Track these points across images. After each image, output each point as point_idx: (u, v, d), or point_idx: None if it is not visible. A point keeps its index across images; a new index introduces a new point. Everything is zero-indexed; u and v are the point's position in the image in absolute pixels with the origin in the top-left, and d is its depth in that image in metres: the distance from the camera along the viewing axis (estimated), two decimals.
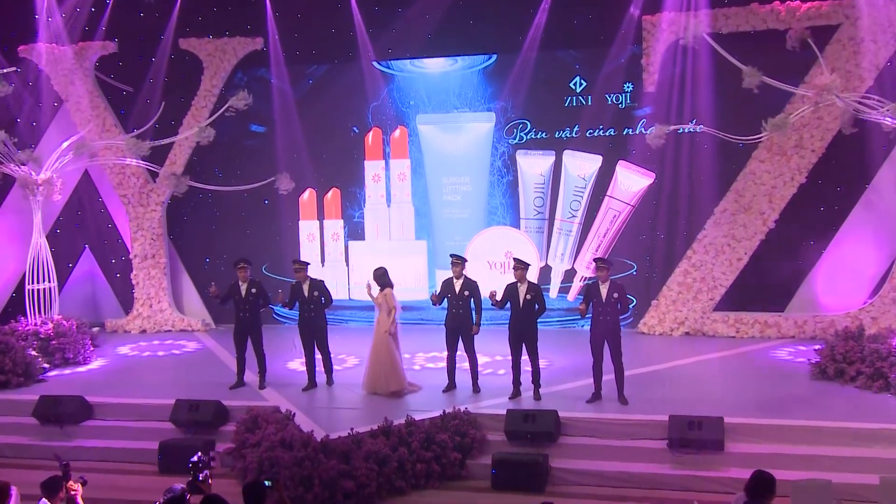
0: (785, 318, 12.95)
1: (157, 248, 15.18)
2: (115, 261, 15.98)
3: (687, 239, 13.46)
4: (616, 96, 13.84)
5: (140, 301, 15.27)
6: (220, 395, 10.27)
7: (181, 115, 14.96)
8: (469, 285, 10.30)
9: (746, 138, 11.34)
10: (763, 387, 10.12)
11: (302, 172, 14.77)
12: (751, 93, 11.62)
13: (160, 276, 15.21)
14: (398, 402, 10.08)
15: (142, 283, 15.23)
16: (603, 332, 9.58)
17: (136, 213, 15.15)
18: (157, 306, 15.23)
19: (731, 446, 8.49)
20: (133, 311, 15.33)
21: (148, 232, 15.13)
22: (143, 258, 15.19)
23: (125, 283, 15.68)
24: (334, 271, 15.09)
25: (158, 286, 15.22)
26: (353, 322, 15.03)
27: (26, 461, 9.57)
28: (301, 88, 15.05)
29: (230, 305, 11.40)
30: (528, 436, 8.84)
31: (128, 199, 15.15)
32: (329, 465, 8.17)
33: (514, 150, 14.40)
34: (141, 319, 15.22)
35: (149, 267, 15.20)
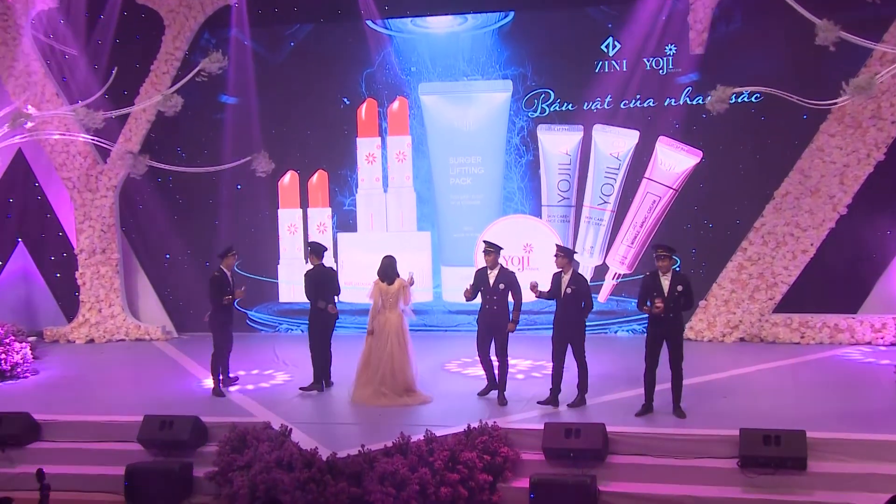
0: (859, 320, 12.93)
1: (107, 241, 15.00)
2: (56, 258, 15.81)
3: (741, 228, 13.45)
4: (656, 60, 13.83)
5: (87, 305, 15.09)
6: (197, 410, 10.10)
7: (137, 83, 14.81)
8: (505, 277, 10.35)
9: (823, 103, 11.32)
10: (847, 397, 10.08)
11: (282, 152, 14.66)
12: (822, 53, 11.58)
13: (111, 274, 15.04)
14: (413, 415, 9.99)
15: (89, 283, 15.07)
16: (664, 333, 9.48)
17: (82, 199, 14.97)
18: (108, 311, 15.05)
19: (815, 465, 8.39)
20: (78, 316, 15.15)
21: (97, 222, 14.96)
22: (90, 254, 15.01)
23: (68, 283, 15.55)
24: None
25: (109, 287, 15.05)
26: (342, 329, 14.81)
27: None
28: (281, 52, 15.01)
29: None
30: (571, 454, 8.73)
31: (72, 183, 14.98)
32: (338, 488, 8.09)
33: (535, 124, 14.36)
34: (88, 327, 15.05)
35: (97, 264, 15.03)
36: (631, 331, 14.07)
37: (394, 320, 10.51)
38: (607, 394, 10.43)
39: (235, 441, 9.19)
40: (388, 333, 10.45)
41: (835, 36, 10.60)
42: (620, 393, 10.43)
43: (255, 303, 15.44)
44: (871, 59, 12.36)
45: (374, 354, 10.48)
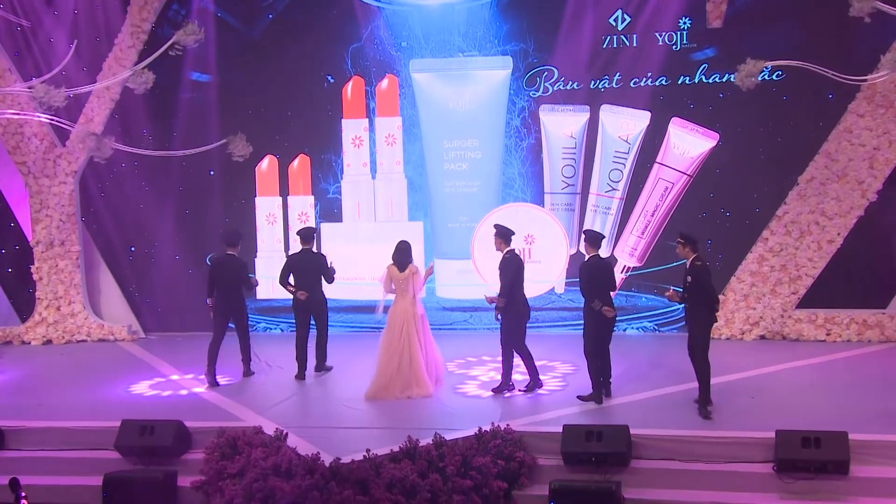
0: (890, 316, 13.11)
1: (67, 232, 14.93)
2: (6, 251, 15.70)
3: (762, 217, 13.60)
4: (669, 35, 13.95)
5: (44, 302, 15.02)
6: (178, 414, 10.07)
7: (99, 58, 14.74)
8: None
9: (858, 78, 11.50)
10: (888, 397, 10.18)
11: (260, 135, 14.54)
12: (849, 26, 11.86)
13: (71, 269, 14.98)
14: (417, 418, 10.02)
15: (46, 278, 15.00)
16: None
17: (38, 186, 14.88)
18: (68, 309, 14.98)
19: (857, 469, 8.49)
20: (34, 315, 15.06)
21: (55, 211, 14.88)
22: (47, 246, 14.93)
23: (21, 279, 15.44)
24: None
25: (69, 283, 14.98)
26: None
27: None
28: (258, 25, 15.01)
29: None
30: (593, 458, 8.78)
31: (27, 168, 14.89)
32: (343, 496, 8.08)
33: (537, 105, 14.48)
34: (45, 326, 14.98)
35: (56, 257, 14.96)
36: (641, 328, 14.17)
37: (408, 309, 10.93)
38: (628, 394, 10.54)
39: (225, 447, 9.17)
40: (403, 324, 10.88)
41: (870, 6, 10.75)
42: (642, 393, 10.57)
43: None
44: None
45: (391, 347, 10.86)
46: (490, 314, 12.23)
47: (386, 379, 10.79)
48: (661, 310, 14.21)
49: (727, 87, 13.65)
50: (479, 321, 14.65)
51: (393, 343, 10.90)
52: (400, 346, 10.85)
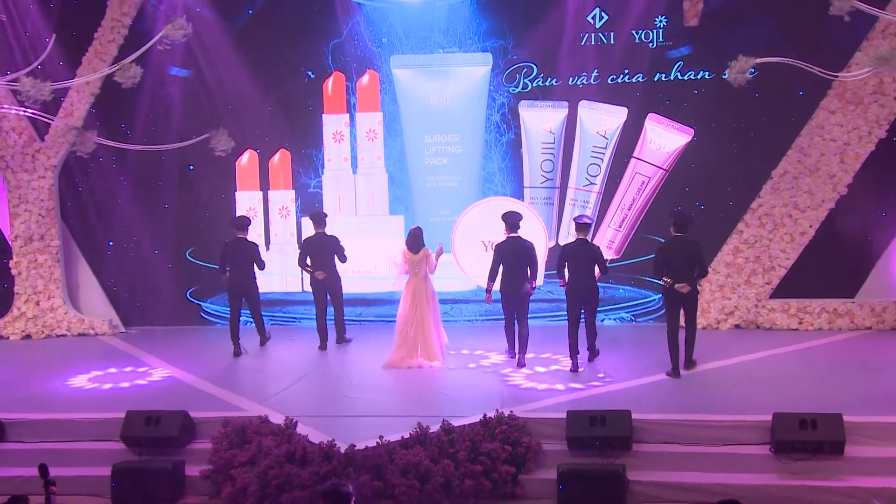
0: (859, 305, 13.44)
1: (46, 227, 14.76)
2: None
3: (736, 210, 13.86)
4: (646, 33, 14.15)
5: (23, 297, 14.83)
6: (177, 404, 10.03)
7: (76, 52, 14.56)
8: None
9: (847, 75, 11.81)
10: (873, 381, 10.47)
11: (240, 130, 14.58)
12: (821, 25, 12.35)
13: (51, 263, 14.80)
14: (420, 404, 10.16)
15: (25, 273, 14.81)
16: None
17: (17, 180, 14.68)
18: (47, 304, 14.81)
19: (852, 449, 8.73)
20: (13, 310, 14.85)
21: (34, 206, 14.69)
22: (26, 241, 14.74)
23: None
24: (282, 256, 14.87)
25: (49, 277, 14.81)
26: (307, 321, 14.85)
27: None
28: (238, 20, 14.90)
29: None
30: (597, 443, 8.93)
31: (6, 163, 14.68)
32: (360, 481, 8.13)
33: (517, 100, 14.54)
34: (24, 321, 14.80)
35: (35, 252, 14.78)
36: (618, 319, 14.38)
37: (423, 288, 11.92)
38: (626, 381, 10.80)
39: (233, 436, 9.18)
40: (420, 300, 11.87)
41: (849, 6, 11.03)
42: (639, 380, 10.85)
43: (211, 294, 15.33)
44: (873, 31, 12.91)
45: (408, 321, 11.88)
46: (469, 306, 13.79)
47: (403, 350, 11.83)
48: (638, 300, 14.43)
49: (702, 83, 14.00)
50: (460, 313, 14.77)
51: (408, 318, 11.89)
52: (414, 320, 11.86)
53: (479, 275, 14.14)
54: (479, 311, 14.64)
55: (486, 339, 13.20)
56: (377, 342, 13.13)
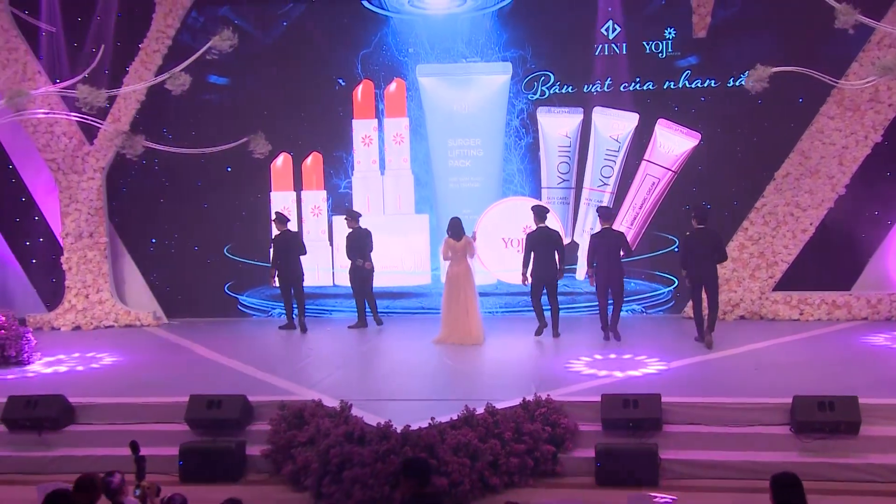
0: (856, 297, 13.57)
1: (95, 224, 14.77)
2: (31, 243, 15.50)
3: (740, 209, 13.97)
4: (656, 44, 14.28)
5: (73, 291, 14.85)
6: (235, 388, 10.12)
7: (122, 62, 14.58)
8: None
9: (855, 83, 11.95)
10: (879, 367, 10.64)
11: (275, 134, 14.54)
12: (819, 36, 12.63)
13: (99, 259, 14.83)
14: (459, 388, 10.25)
15: (75, 268, 14.83)
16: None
17: (67, 181, 14.71)
18: (96, 297, 14.84)
19: (867, 429, 8.85)
20: (63, 302, 14.88)
21: (84, 205, 14.71)
22: (76, 238, 14.76)
23: (46, 269, 15.31)
24: (315, 253, 14.92)
25: (97, 272, 14.83)
26: (337, 312, 14.93)
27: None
28: (273, 32, 14.99)
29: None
30: (630, 424, 9.03)
31: (57, 165, 14.69)
32: None
33: (535, 107, 14.68)
34: (74, 313, 14.81)
35: (85, 248, 14.80)
36: (630, 311, 14.45)
37: (463, 272, 12.47)
38: (653, 366, 10.93)
39: (291, 418, 9.24)
40: (461, 284, 12.42)
41: (853, 19, 11.17)
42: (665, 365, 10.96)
43: (247, 287, 15.40)
44: (868, 42, 13.04)
45: (452, 303, 12.46)
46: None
47: (449, 328, 12.43)
48: (648, 294, 14.54)
49: (708, 91, 14.15)
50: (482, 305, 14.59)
51: (452, 300, 12.47)
52: (458, 301, 12.42)
53: (499, 269, 14.39)
54: (499, 304, 14.72)
55: (510, 329, 13.32)
56: (410, 331, 13.40)
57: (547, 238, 12.55)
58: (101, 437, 9.79)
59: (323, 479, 8.44)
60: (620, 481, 8.44)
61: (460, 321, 12.43)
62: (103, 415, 10.02)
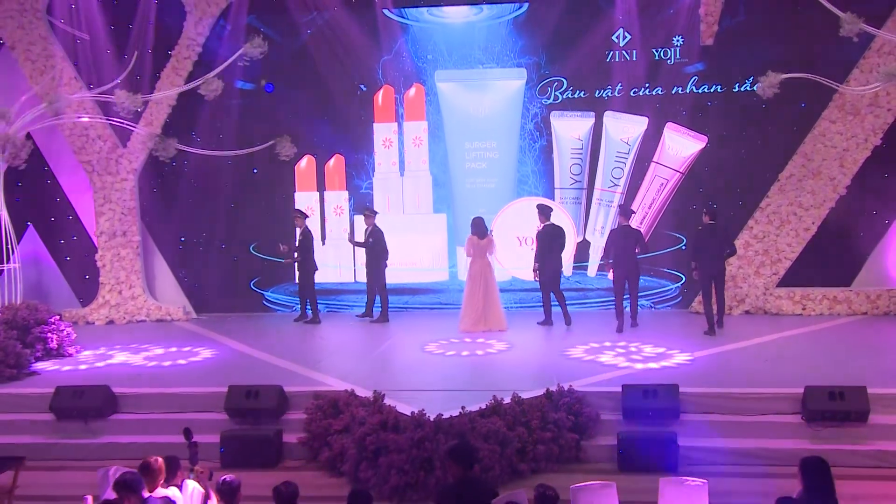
0: (856, 292, 13.68)
1: (128, 224, 14.89)
2: (65, 241, 15.58)
3: (745, 209, 14.05)
4: (664, 51, 14.35)
5: (107, 287, 14.97)
6: (274, 379, 10.24)
7: (153, 68, 14.67)
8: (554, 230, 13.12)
9: (859, 88, 12.07)
10: (883, 358, 10.78)
11: (299, 137, 14.67)
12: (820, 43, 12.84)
13: (132, 257, 14.94)
14: (485, 380, 10.33)
15: (109, 265, 14.95)
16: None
17: (102, 182, 14.82)
18: (129, 293, 14.95)
19: (875, 418, 8.97)
20: (98, 298, 14.97)
21: (117, 205, 14.83)
22: (110, 236, 14.88)
23: (79, 266, 15.44)
24: (337, 250, 15.05)
25: (130, 269, 14.95)
26: (359, 308, 15.00)
27: (48, 462, 9.33)
28: (298, 40, 15.00)
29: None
30: (650, 413, 9.14)
31: (92, 167, 14.80)
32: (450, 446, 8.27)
33: (548, 111, 14.77)
34: (108, 308, 14.91)
35: (118, 246, 14.91)
36: (640, 306, 14.49)
37: (486, 266, 13.04)
38: (669, 359, 11.05)
39: (327, 407, 9.35)
40: (483, 278, 12.96)
41: (858, 28, 11.29)
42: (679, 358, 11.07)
43: (272, 284, 15.50)
44: (869, 50, 13.15)
45: (474, 295, 12.99)
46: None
47: (473, 319, 12.97)
48: (657, 289, 14.64)
49: (714, 96, 14.21)
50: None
51: (476, 292, 12.99)
52: (481, 293, 12.96)
53: (514, 266, 14.49)
54: (514, 300, 14.78)
55: (526, 324, 13.44)
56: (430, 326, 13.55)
57: (555, 235, 13.04)
58: (143, 425, 9.94)
59: (360, 464, 8.57)
60: (642, 467, 8.51)
61: (486, 310, 12.96)
62: (145, 404, 10.14)
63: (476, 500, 6.10)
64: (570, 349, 11.75)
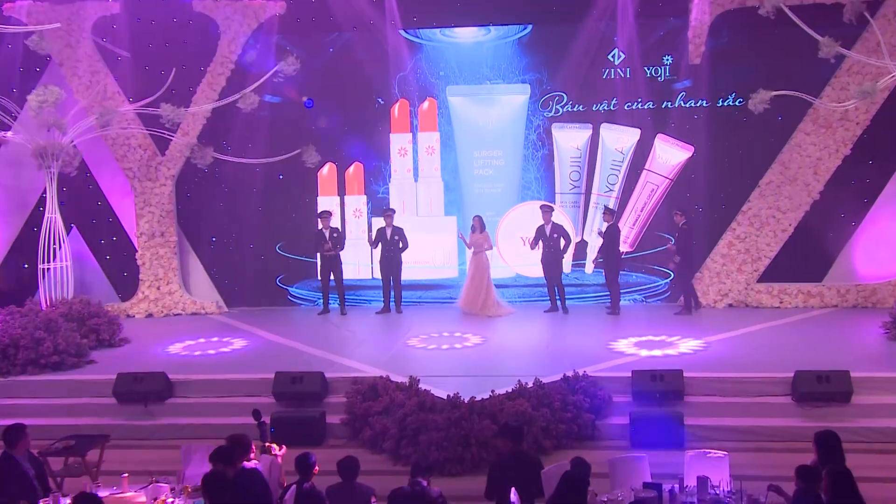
0: (827, 287, 14.02)
1: (166, 225, 15.02)
2: (105, 241, 15.68)
3: (728, 212, 14.33)
4: (655, 69, 14.62)
5: (146, 283, 15.07)
6: (311, 366, 10.50)
7: (188, 83, 14.77)
8: (558, 229, 13.70)
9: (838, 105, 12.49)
10: (860, 346, 11.16)
11: (321, 146, 14.80)
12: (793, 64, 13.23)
13: (169, 255, 15.08)
14: (512, 367, 10.60)
15: (148, 263, 15.05)
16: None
17: (142, 188, 14.95)
18: (166, 288, 15.07)
19: (857, 398, 9.36)
20: (138, 293, 15.10)
21: (156, 209, 14.96)
22: (150, 237, 15.00)
23: (118, 264, 15.52)
24: (356, 249, 15.24)
25: (168, 267, 15.07)
26: (376, 302, 15.22)
27: (114, 442, 9.48)
28: (321, 57, 15.12)
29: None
30: (657, 395, 9.46)
31: (133, 173, 14.93)
32: (482, 425, 8.60)
33: (550, 123, 14.99)
34: (147, 303, 15.03)
35: (156, 246, 15.04)
36: (632, 300, 14.85)
37: (482, 259, 13.73)
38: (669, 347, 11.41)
39: (367, 391, 9.62)
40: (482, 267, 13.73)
41: (835, 50, 11.63)
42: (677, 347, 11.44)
43: (296, 280, 15.69)
44: (839, 70, 13.49)
45: (474, 283, 13.76)
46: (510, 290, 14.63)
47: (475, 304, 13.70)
48: (648, 285, 14.92)
49: (700, 110, 14.47)
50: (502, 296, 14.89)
51: (476, 282, 13.76)
52: (479, 282, 13.73)
53: (518, 264, 14.77)
54: (517, 295, 14.99)
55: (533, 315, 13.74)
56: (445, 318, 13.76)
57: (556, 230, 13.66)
58: (198, 408, 10.19)
59: (401, 442, 8.85)
60: (652, 444, 8.81)
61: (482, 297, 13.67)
62: (198, 389, 10.38)
63: (525, 470, 6.39)
64: (577, 337, 12.05)
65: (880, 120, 13.57)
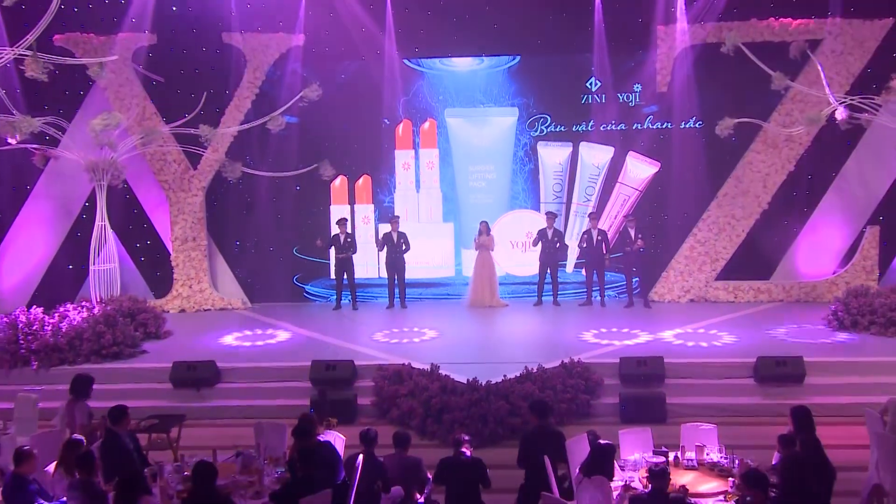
0: (775, 284, 14.64)
1: (197, 230, 15.27)
2: (140, 245, 15.87)
3: (690, 219, 14.86)
4: (626, 95, 15.16)
5: (179, 282, 15.29)
6: (338, 355, 10.90)
7: (216, 106, 15.02)
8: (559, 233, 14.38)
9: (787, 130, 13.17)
10: (810, 335, 11.75)
11: (334, 161, 15.05)
12: (746, 92, 13.80)
13: (200, 257, 15.32)
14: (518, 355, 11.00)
15: (181, 264, 15.28)
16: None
17: (176, 198, 15.19)
18: (198, 286, 15.31)
19: (809, 379, 9.98)
20: (172, 291, 15.34)
21: (189, 216, 15.20)
22: (183, 241, 15.24)
23: (152, 265, 15.70)
24: (364, 252, 15.58)
25: (199, 267, 15.31)
26: (382, 299, 15.58)
27: None
28: (334, 82, 15.35)
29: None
30: (642, 378, 9.99)
31: (168, 185, 15.16)
32: (498, 405, 9.06)
33: (535, 141, 15.46)
34: (180, 300, 15.28)
35: (189, 249, 15.27)
36: (607, 296, 15.33)
37: (488, 258, 14.21)
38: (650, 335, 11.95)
39: (392, 377, 10.01)
40: (488, 264, 14.23)
41: (786, 83, 12.24)
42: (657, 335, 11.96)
43: (311, 279, 16.03)
44: (784, 98, 14.12)
45: (481, 278, 14.25)
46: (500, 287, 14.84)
47: (480, 297, 14.23)
48: (619, 283, 15.40)
49: (666, 131, 14.97)
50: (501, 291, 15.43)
51: (480, 276, 14.24)
52: (485, 278, 14.24)
53: (508, 264, 15.23)
54: (507, 291, 15.26)
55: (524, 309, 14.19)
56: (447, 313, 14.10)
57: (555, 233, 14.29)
58: (244, 392, 10.51)
59: (426, 420, 9.27)
60: (638, 419, 9.34)
61: (487, 293, 14.23)
62: (244, 376, 10.70)
63: (551, 441, 6.86)
64: (566, 329, 12.53)
65: (819, 141, 14.20)
